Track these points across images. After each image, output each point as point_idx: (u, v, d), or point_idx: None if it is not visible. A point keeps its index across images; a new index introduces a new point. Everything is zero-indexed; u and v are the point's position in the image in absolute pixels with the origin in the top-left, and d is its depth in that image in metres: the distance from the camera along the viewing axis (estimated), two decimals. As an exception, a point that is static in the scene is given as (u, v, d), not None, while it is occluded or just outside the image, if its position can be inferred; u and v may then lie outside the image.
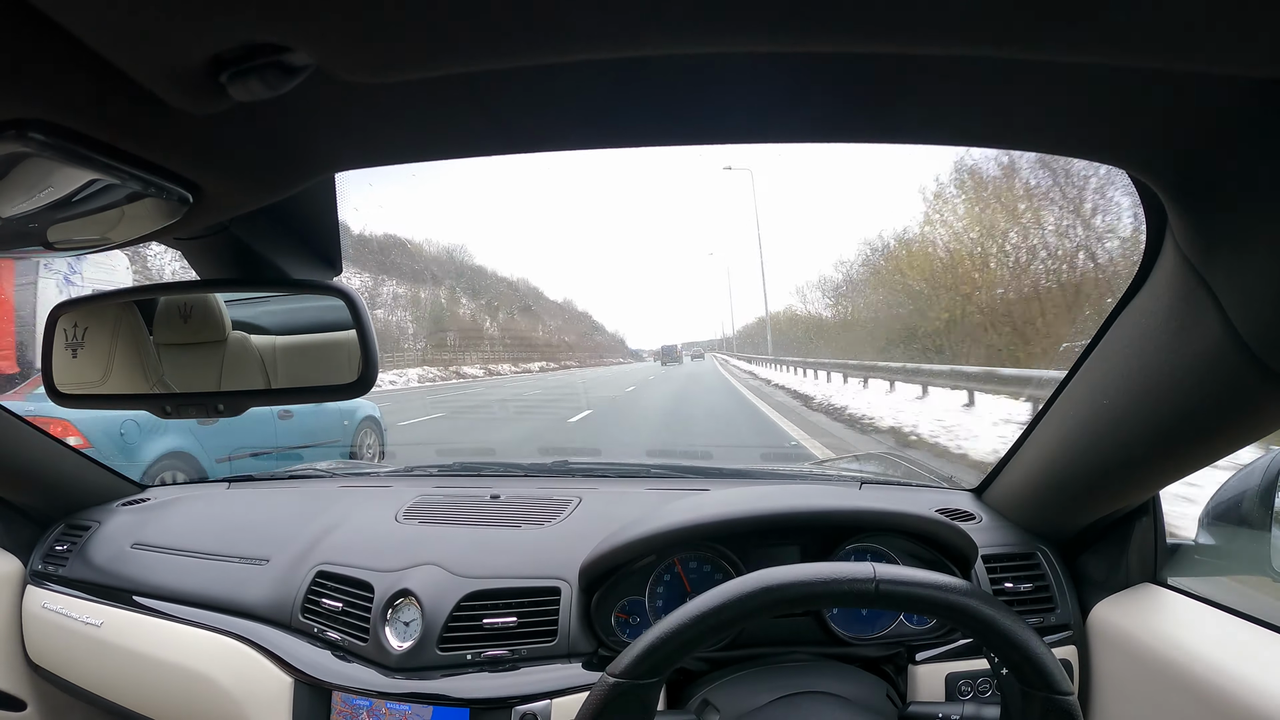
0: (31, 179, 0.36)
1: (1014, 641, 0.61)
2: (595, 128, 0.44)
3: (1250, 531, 0.82)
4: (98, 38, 0.28)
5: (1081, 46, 0.30)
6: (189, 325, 0.67)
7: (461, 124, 0.43)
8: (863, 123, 0.44)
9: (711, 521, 0.93)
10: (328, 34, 0.28)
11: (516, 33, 0.29)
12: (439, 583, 1.00)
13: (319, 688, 0.98)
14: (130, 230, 0.48)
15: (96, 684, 1.19)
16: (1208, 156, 0.44)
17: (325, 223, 0.64)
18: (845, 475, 1.41)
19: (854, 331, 22.70)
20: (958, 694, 0.93)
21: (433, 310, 46.09)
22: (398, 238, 50.53)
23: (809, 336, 28.61)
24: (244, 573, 1.15)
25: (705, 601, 0.62)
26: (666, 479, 1.39)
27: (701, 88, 0.39)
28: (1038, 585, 0.99)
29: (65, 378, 0.66)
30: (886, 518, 0.94)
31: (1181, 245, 0.53)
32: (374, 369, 0.63)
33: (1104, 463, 0.82)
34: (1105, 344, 0.73)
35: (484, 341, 49.75)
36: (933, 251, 18.54)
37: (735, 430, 8.30)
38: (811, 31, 0.29)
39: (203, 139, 0.39)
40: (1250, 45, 0.30)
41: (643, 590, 0.98)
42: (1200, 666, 0.76)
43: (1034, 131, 0.45)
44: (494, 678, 0.94)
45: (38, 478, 1.32)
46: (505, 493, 1.29)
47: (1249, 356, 0.52)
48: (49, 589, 1.26)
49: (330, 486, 1.45)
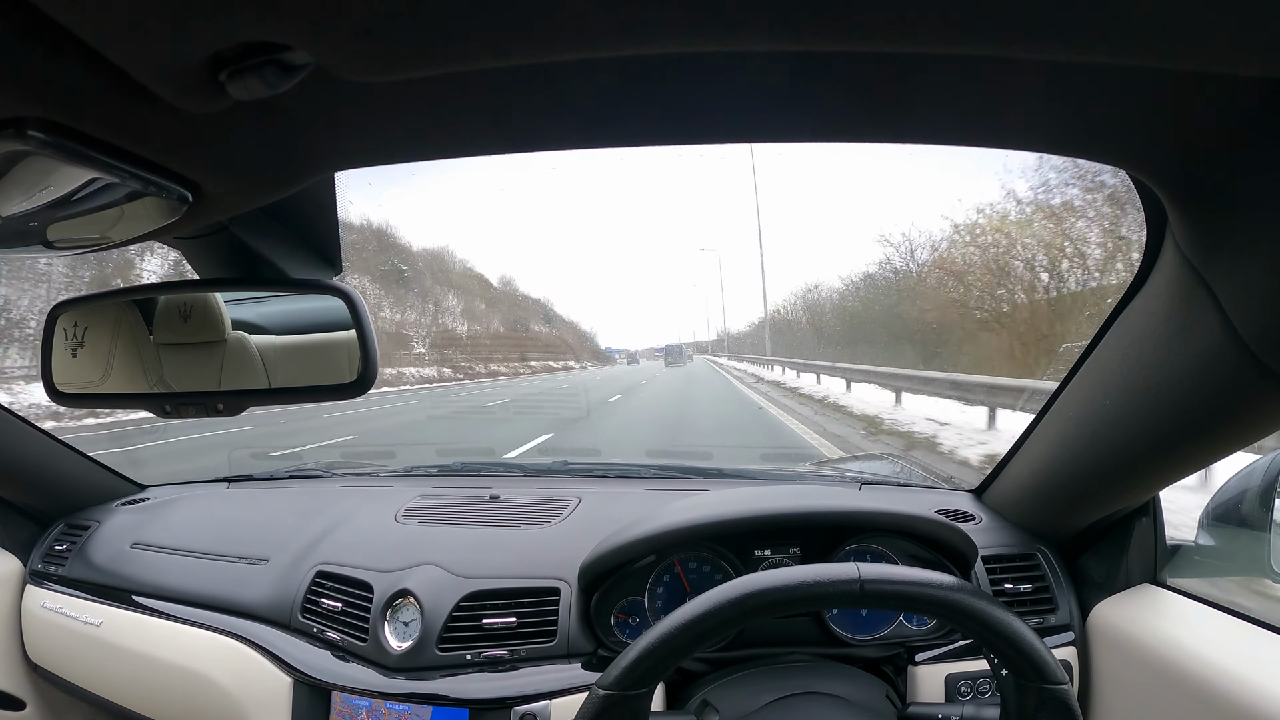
0: (31, 177, 0.36)
1: (1005, 634, 0.61)
2: (595, 127, 0.44)
3: (1250, 532, 0.82)
4: (97, 36, 0.28)
5: (1082, 46, 0.30)
6: (189, 325, 0.67)
7: (461, 123, 0.43)
8: (863, 122, 0.44)
9: (711, 521, 0.93)
10: (327, 33, 0.28)
11: (516, 31, 0.29)
12: (438, 583, 1.00)
13: (318, 688, 0.98)
14: (130, 229, 0.48)
15: (96, 684, 1.19)
16: (1208, 157, 0.44)
17: (325, 222, 0.64)
18: (845, 476, 1.42)
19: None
20: (957, 695, 0.93)
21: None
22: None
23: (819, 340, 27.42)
24: (243, 572, 1.15)
25: (691, 610, 0.62)
26: (666, 479, 1.39)
27: (701, 87, 0.39)
28: (1037, 586, 0.99)
29: (65, 377, 0.66)
30: (886, 518, 0.94)
31: (1181, 246, 0.53)
32: (374, 369, 0.63)
33: (1104, 463, 0.82)
34: (1105, 344, 0.73)
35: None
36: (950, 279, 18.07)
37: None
38: (812, 30, 0.29)
39: (202, 138, 0.39)
40: (1251, 45, 0.30)
41: (642, 590, 0.98)
42: (1200, 667, 0.76)
43: (1035, 131, 0.45)
44: (493, 678, 0.94)
45: (37, 477, 1.32)
46: (505, 493, 1.29)
47: (1249, 357, 0.52)
48: (48, 588, 1.26)
49: (330, 486, 1.45)
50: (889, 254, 22.88)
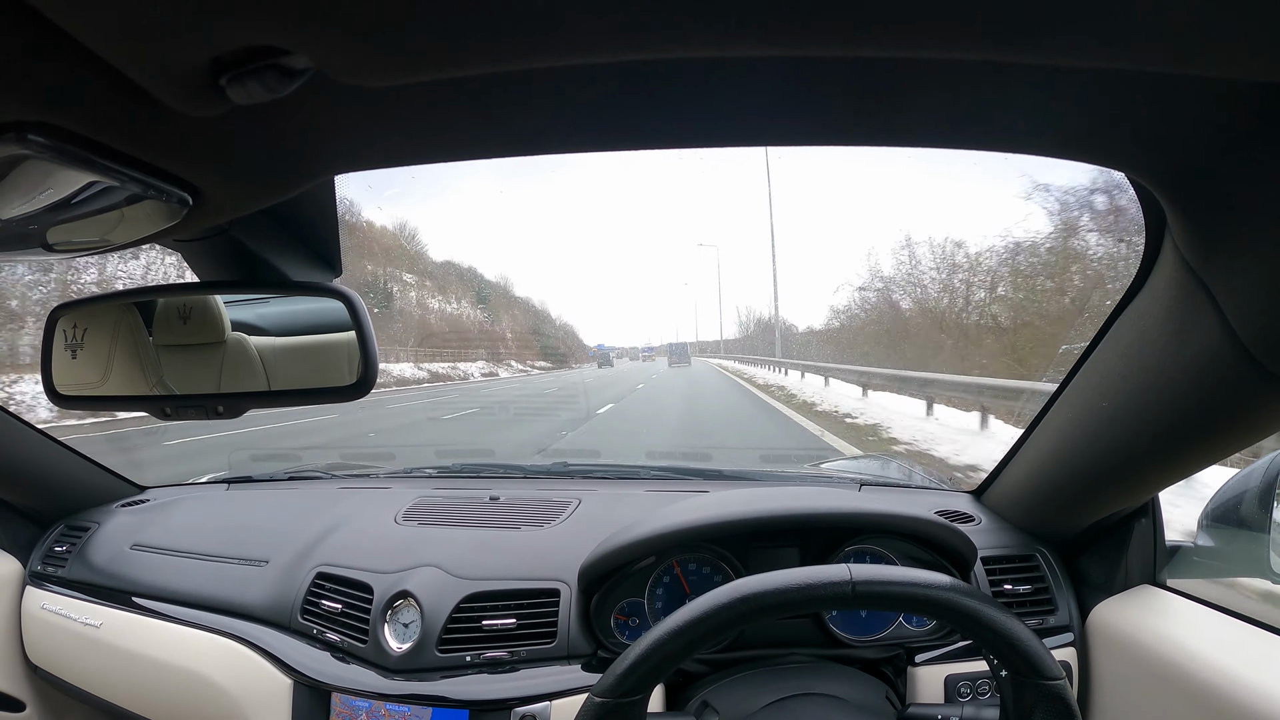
0: (31, 181, 0.36)
1: (1000, 631, 0.61)
2: (595, 131, 0.44)
3: (1249, 533, 0.82)
4: (97, 40, 0.28)
5: (1082, 50, 0.30)
6: (188, 327, 0.67)
7: (460, 127, 0.43)
8: (863, 126, 0.44)
9: (710, 523, 0.93)
10: (327, 38, 0.28)
11: (516, 36, 0.29)
12: (438, 584, 1.00)
13: (318, 689, 0.98)
14: (130, 232, 0.48)
15: (95, 685, 1.19)
16: (1207, 160, 0.44)
17: (324, 224, 0.64)
18: (845, 477, 1.42)
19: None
20: (957, 695, 0.93)
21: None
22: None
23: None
24: (243, 574, 1.15)
25: (682, 616, 0.63)
26: (665, 481, 1.39)
27: (700, 91, 0.39)
28: (1037, 587, 0.99)
29: (64, 379, 0.66)
30: (885, 519, 0.94)
31: (1180, 248, 0.53)
32: (374, 371, 0.63)
33: (1103, 464, 0.82)
34: (1104, 346, 0.73)
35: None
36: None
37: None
38: (811, 35, 0.29)
39: (202, 141, 0.39)
40: (1250, 49, 0.30)
41: (642, 592, 0.98)
42: (1199, 668, 0.76)
43: (1034, 135, 0.45)
44: (493, 679, 0.94)
45: (37, 478, 1.32)
46: (504, 494, 1.29)
47: (1247, 359, 0.52)
48: (48, 590, 1.26)
49: (329, 488, 1.45)
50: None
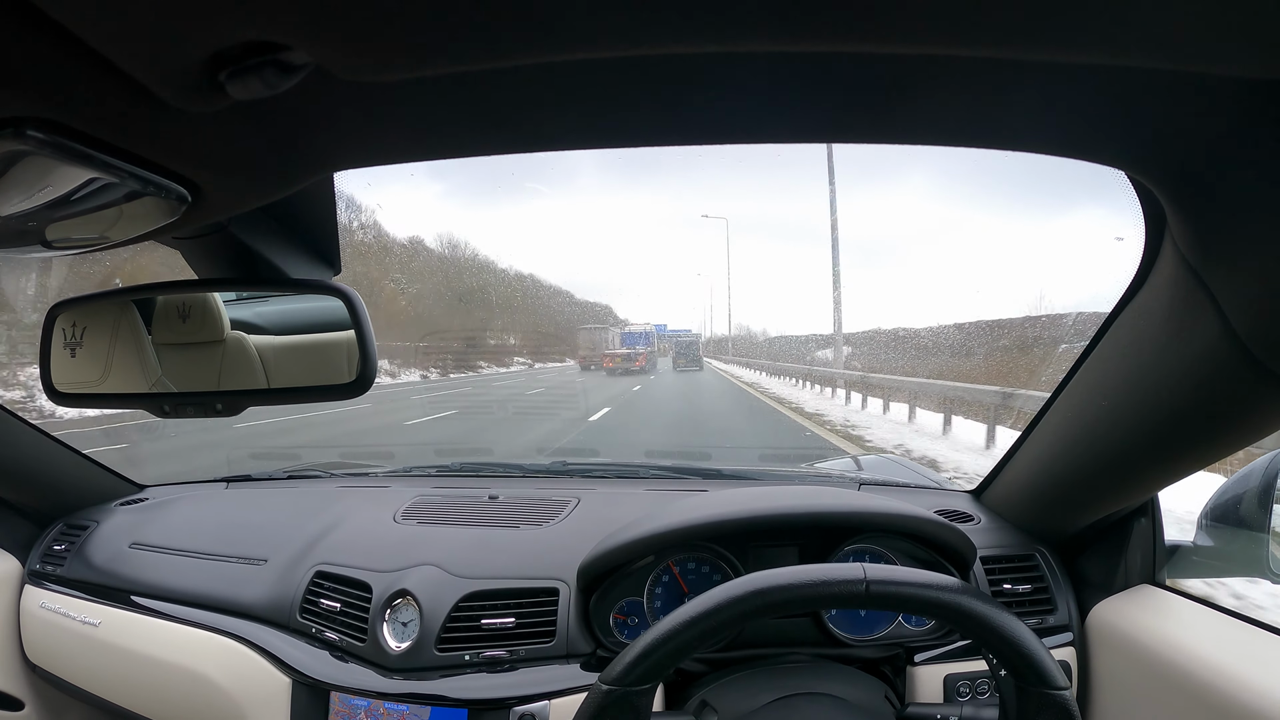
0: (29, 177, 0.36)
1: (1008, 638, 0.61)
2: (595, 127, 0.44)
3: (1248, 533, 0.83)
4: (96, 35, 0.28)
5: (1081, 47, 0.30)
6: (187, 325, 0.67)
7: (461, 123, 0.43)
8: (861, 123, 0.44)
9: (709, 522, 0.93)
10: (326, 33, 0.28)
11: (515, 32, 0.29)
12: (437, 583, 1.00)
13: (317, 688, 0.98)
14: (129, 229, 0.47)
15: (94, 684, 1.19)
16: (1207, 158, 0.44)
17: (324, 222, 0.64)
18: (844, 476, 1.42)
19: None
20: (956, 695, 0.93)
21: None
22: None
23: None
24: (242, 573, 1.15)
25: (697, 606, 0.62)
26: (665, 480, 1.39)
27: (701, 87, 0.39)
28: (1036, 586, 0.99)
29: (63, 377, 0.66)
30: (884, 519, 0.94)
31: (1180, 247, 0.53)
32: (373, 369, 0.63)
33: (1102, 464, 0.82)
34: (1104, 345, 0.73)
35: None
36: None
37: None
38: (810, 31, 0.29)
39: (201, 137, 0.39)
40: (1250, 47, 0.30)
41: (641, 591, 0.98)
42: (1198, 667, 0.76)
43: (1033, 133, 0.45)
44: (492, 678, 0.94)
45: (36, 477, 1.32)
46: (503, 493, 1.29)
47: (1247, 358, 0.52)
48: (47, 588, 1.26)
49: (328, 487, 1.45)
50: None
